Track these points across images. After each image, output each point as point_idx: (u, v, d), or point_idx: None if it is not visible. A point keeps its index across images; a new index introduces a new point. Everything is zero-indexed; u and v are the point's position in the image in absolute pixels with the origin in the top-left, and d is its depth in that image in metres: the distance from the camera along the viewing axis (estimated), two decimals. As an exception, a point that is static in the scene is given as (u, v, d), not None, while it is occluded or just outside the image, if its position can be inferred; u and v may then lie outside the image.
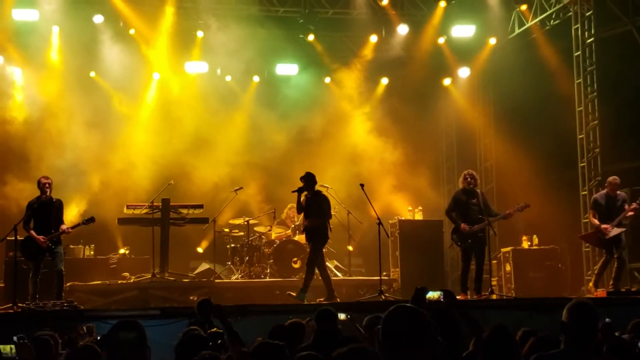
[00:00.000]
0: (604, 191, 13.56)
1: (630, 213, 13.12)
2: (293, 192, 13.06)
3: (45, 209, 12.21)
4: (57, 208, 12.38)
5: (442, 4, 17.21)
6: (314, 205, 12.87)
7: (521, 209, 13.35)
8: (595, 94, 16.64)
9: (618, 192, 13.44)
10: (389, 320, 3.59)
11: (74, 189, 15.91)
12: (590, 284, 13.77)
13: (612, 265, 13.47)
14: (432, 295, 5.23)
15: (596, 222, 13.34)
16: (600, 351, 5.10)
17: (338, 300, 12.55)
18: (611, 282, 13.35)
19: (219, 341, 6.45)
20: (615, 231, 13.10)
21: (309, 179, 12.86)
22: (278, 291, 14.64)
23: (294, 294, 12.51)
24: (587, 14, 16.80)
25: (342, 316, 5.41)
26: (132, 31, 17.30)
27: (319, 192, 13.12)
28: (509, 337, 4.78)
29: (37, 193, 12.37)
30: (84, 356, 5.09)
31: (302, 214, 13.36)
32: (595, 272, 13.92)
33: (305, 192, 12.85)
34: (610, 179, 13.59)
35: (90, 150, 16.71)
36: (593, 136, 16.64)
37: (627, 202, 13.38)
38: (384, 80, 19.11)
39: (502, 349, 4.65)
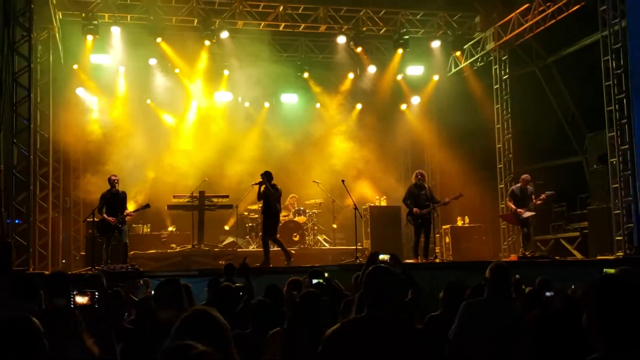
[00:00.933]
0: (519, 185, 13.55)
1: (539, 202, 13.12)
2: (253, 185, 12.62)
3: (114, 198, 12.18)
4: (122, 198, 12.34)
5: (400, 51, 17.16)
6: (271, 196, 12.42)
7: (456, 197, 13.35)
8: (509, 115, 16.69)
9: (528, 186, 13.48)
10: (369, 277, 3.55)
11: (134, 184, 15.82)
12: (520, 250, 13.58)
13: (521, 238, 13.52)
14: (383, 257, 5.27)
15: (513, 207, 13.33)
16: (512, 298, 5.12)
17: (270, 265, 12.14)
18: (521, 249, 13.38)
19: (241, 293, 6.44)
20: (527, 214, 13.15)
21: (266, 176, 12.45)
22: (282, 257, 14.59)
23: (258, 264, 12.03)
24: (504, 58, 16.85)
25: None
26: (177, 70, 17.21)
27: (275, 185, 12.56)
28: (461, 288, 4.91)
29: (108, 187, 12.35)
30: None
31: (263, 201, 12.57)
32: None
33: (264, 185, 12.39)
34: (524, 176, 13.64)
35: (146, 156, 16.60)
36: (507, 145, 16.70)
37: (534, 193, 13.40)
38: (359, 106, 19.04)
39: (458, 298, 4.75)
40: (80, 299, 4.46)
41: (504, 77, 16.89)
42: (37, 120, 14.80)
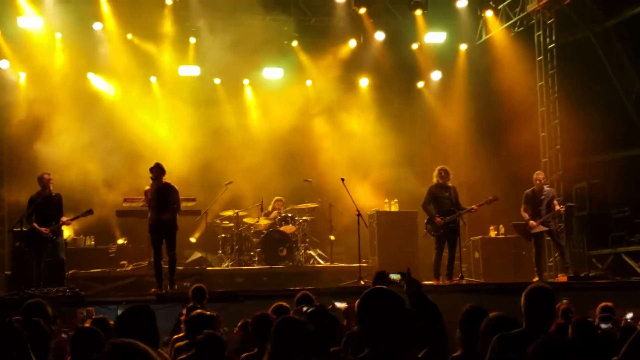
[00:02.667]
0: (533, 187, 13.64)
1: (554, 212, 13.31)
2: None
3: (47, 203, 12.16)
4: (57, 201, 12.33)
5: (418, 12, 17.16)
6: (163, 198, 12.35)
7: (489, 202, 13.40)
8: (556, 95, 16.70)
9: (545, 187, 13.56)
10: (365, 304, 3.55)
11: (72, 184, 15.76)
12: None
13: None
14: (394, 277, 5.30)
15: (526, 216, 13.47)
16: (562, 331, 5.12)
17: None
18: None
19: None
20: (538, 228, 13.26)
21: (158, 170, 12.39)
22: (265, 277, 14.62)
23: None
24: (549, 21, 16.85)
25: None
26: (129, 36, 17.32)
27: (168, 184, 12.54)
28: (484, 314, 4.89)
29: (39, 188, 12.32)
30: (87, 336, 5.07)
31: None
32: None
33: (153, 182, 12.37)
34: (537, 174, 13.72)
35: (89, 147, 16.55)
36: (554, 134, 16.72)
37: (555, 197, 13.68)
38: (362, 83, 19.02)
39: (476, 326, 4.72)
40: None
41: (550, 46, 16.89)
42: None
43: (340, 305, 5.57)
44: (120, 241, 16.27)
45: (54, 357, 5.29)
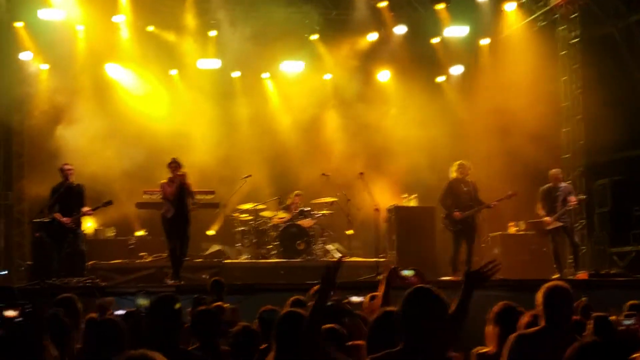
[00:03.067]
0: (549, 184, 13.57)
1: (566, 208, 13.26)
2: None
3: (68, 193, 12.25)
4: (79, 192, 12.43)
5: (441, 6, 17.11)
6: (183, 192, 12.56)
7: (509, 197, 13.36)
8: (579, 90, 16.61)
9: (562, 184, 13.48)
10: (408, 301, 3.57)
11: (94, 175, 15.87)
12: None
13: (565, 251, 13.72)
14: (406, 273, 5.36)
15: (541, 212, 13.45)
16: (580, 330, 5.10)
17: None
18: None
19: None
20: (554, 224, 13.18)
21: (178, 165, 12.56)
22: (283, 271, 14.65)
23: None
24: (573, 15, 16.73)
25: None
26: (150, 28, 17.45)
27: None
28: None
29: (60, 178, 12.42)
30: (106, 328, 5.11)
31: None
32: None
33: (176, 177, 12.52)
34: (552, 171, 13.67)
35: (109, 139, 16.65)
36: (577, 129, 16.63)
37: (573, 193, 13.71)
38: (381, 78, 18.97)
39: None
40: (10, 313, 4.59)
41: (573, 41, 16.77)
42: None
43: (357, 299, 5.61)
44: (139, 233, 16.37)
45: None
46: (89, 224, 14.66)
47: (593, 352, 3.16)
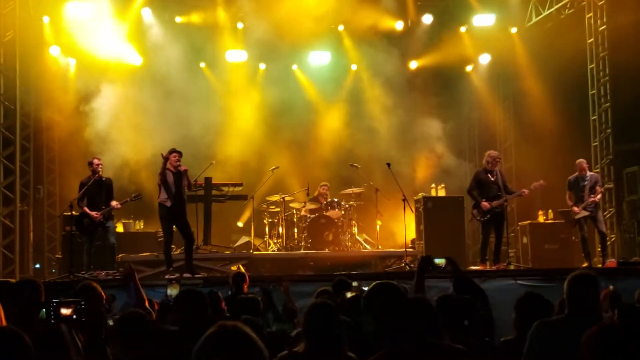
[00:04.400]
0: (575, 173, 13.54)
1: (593, 199, 13.23)
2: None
3: (97, 187, 12.38)
4: (108, 186, 12.56)
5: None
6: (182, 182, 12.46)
7: (538, 186, 13.30)
8: (607, 78, 16.45)
9: (589, 173, 13.55)
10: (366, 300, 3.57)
11: (122, 168, 16.03)
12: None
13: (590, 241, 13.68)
14: (439, 261, 5.40)
15: (570, 202, 13.51)
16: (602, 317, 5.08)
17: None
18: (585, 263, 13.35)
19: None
20: (582, 213, 13.21)
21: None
22: (312, 262, 14.70)
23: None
24: (600, 2, 16.56)
25: (440, 261, 5.61)
26: (178, 19, 17.35)
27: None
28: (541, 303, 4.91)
29: (89, 172, 12.56)
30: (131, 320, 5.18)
31: None
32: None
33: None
34: (579, 161, 13.65)
35: (138, 133, 16.76)
36: (605, 118, 16.49)
37: (599, 182, 13.71)
38: (410, 66, 18.92)
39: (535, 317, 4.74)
40: (65, 311, 4.62)
41: (601, 28, 16.61)
42: (0, 87, 15.09)
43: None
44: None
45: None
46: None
47: (611, 335, 3.15)
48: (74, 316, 4.62)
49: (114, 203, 12.45)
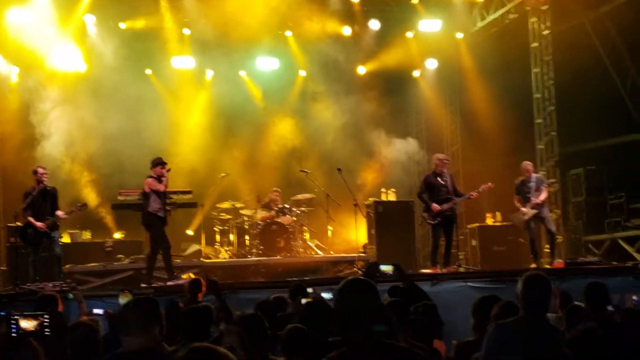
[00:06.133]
0: (521, 177, 13.79)
1: (538, 201, 13.39)
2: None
3: (42, 197, 12.16)
4: (52, 195, 12.34)
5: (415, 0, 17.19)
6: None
7: (486, 189, 13.43)
8: (551, 82, 16.72)
9: (534, 175, 13.76)
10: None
11: (68, 178, 15.78)
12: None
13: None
14: (385, 268, 5.44)
15: (517, 204, 13.67)
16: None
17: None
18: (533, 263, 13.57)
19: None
20: (530, 212, 13.44)
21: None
22: (264, 269, 14.64)
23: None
24: (544, 7, 16.85)
25: (387, 268, 5.61)
26: (122, 25, 17.21)
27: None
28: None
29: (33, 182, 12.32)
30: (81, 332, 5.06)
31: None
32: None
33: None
34: (524, 164, 13.91)
35: (83, 141, 16.56)
36: (550, 121, 16.76)
37: (544, 182, 13.97)
38: (358, 72, 18.99)
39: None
40: (26, 324, 4.46)
41: (545, 33, 16.89)
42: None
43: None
44: (116, 235, 16.26)
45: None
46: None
47: (595, 337, 3.21)
48: (38, 329, 4.46)
49: (59, 213, 12.21)
